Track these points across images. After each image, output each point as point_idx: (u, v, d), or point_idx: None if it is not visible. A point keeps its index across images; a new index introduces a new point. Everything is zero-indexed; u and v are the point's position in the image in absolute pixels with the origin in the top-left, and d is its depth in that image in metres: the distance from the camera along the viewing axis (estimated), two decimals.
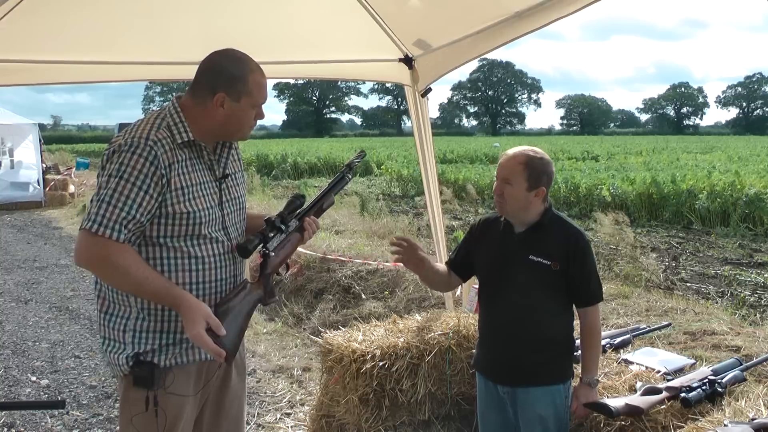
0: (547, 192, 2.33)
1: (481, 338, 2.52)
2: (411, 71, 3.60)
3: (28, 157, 15.52)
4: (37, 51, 2.97)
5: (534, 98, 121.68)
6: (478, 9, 2.80)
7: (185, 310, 1.82)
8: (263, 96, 1.98)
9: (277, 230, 2.07)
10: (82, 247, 1.82)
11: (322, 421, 3.36)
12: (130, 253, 1.83)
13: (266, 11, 3.03)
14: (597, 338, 2.42)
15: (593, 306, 2.37)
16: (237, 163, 2.12)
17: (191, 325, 1.79)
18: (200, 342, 1.79)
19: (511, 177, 2.30)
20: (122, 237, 1.80)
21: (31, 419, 3.97)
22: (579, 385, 2.42)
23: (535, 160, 2.30)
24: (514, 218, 2.38)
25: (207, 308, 1.84)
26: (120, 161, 1.82)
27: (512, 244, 2.37)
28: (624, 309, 4.53)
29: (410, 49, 3.50)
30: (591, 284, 2.35)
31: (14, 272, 8.46)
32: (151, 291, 1.84)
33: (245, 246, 1.98)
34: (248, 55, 1.96)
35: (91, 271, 1.90)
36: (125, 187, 1.80)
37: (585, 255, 2.33)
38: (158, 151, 1.83)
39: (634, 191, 12.82)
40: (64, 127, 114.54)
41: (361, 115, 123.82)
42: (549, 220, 2.36)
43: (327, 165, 26.40)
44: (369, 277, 6.09)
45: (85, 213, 1.85)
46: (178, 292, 1.86)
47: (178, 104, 1.95)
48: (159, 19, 2.96)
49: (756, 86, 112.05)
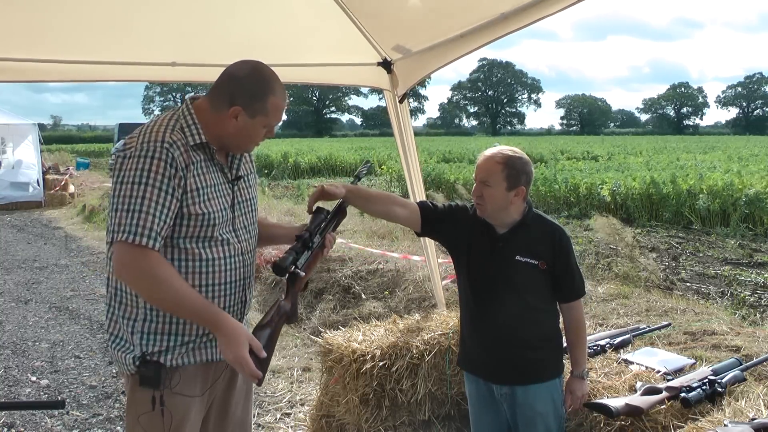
0: (527, 191, 2.31)
1: (471, 338, 2.48)
2: (390, 75, 3.55)
3: (28, 157, 15.53)
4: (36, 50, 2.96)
5: (534, 98, 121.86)
6: (461, 13, 2.76)
7: (226, 330, 1.80)
8: (278, 119, 1.96)
9: (308, 248, 2.08)
10: (125, 261, 1.77)
11: (322, 421, 3.36)
12: (168, 265, 1.82)
13: (245, 14, 3.02)
14: (584, 332, 2.45)
15: (577, 301, 2.39)
16: (249, 165, 2.12)
17: (235, 347, 1.78)
18: (242, 364, 1.78)
19: (489, 178, 2.27)
20: (158, 245, 1.78)
21: (31, 419, 3.97)
22: (571, 379, 2.44)
23: (514, 160, 2.27)
24: (494, 219, 2.35)
25: (247, 330, 1.84)
26: (140, 167, 1.78)
27: (497, 246, 2.34)
28: (624, 309, 4.53)
29: (389, 53, 3.46)
30: (575, 280, 2.36)
31: (14, 272, 8.46)
32: (190, 308, 1.81)
33: (281, 265, 1.99)
34: (276, 74, 1.94)
35: (133, 287, 1.84)
36: (152, 192, 1.77)
37: (569, 252, 2.35)
38: (175, 153, 1.82)
39: (637, 190, 12.81)
40: (64, 127, 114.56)
41: (361, 115, 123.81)
42: (530, 220, 2.35)
43: (327, 165, 26.43)
44: (369, 277, 6.09)
45: (112, 225, 1.78)
46: (217, 310, 1.85)
47: (192, 106, 1.93)
48: (139, 19, 2.95)
49: (756, 86, 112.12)
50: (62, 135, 77.72)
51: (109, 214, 1.83)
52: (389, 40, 3.31)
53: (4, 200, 14.94)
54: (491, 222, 2.36)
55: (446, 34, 2.90)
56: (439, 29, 2.93)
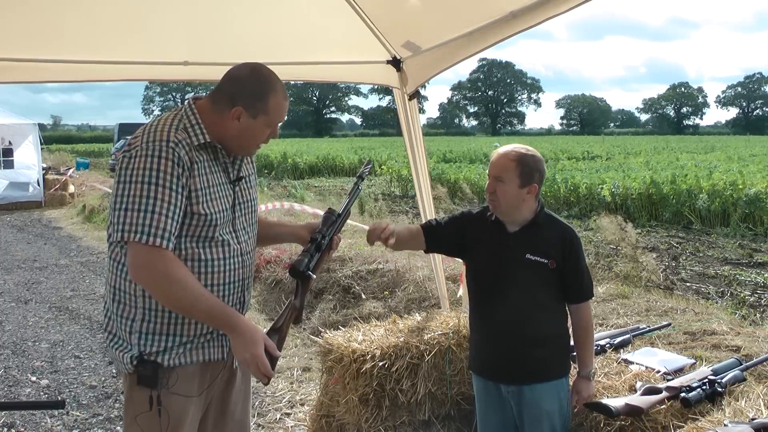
0: (539, 190, 2.34)
1: (479, 339, 2.51)
2: (399, 73, 3.56)
3: (28, 157, 15.53)
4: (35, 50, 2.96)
5: (534, 98, 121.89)
6: (470, 10, 2.77)
7: (243, 330, 1.81)
8: (281, 118, 1.96)
9: (320, 250, 2.09)
10: (142, 262, 1.75)
11: (322, 421, 3.36)
12: (182, 265, 1.81)
13: (255, 13, 3.03)
14: (591, 333, 2.46)
15: (585, 302, 2.41)
16: (250, 166, 2.12)
17: (252, 347, 1.79)
18: (258, 363, 1.80)
19: (503, 174, 2.30)
20: (172, 245, 1.77)
21: (31, 419, 3.97)
22: (578, 380, 2.45)
23: (527, 158, 2.30)
24: (507, 216, 2.37)
25: (262, 330, 1.85)
26: (148, 166, 1.77)
27: (507, 244, 2.36)
28: (624, 309, 4.53)
29: (399, 51, 3.47)
30: (584, 281, 2.38)
31: (14, 272, 8.46)
32: (205, 309, 1.80)
33: (297, 268, 2.01)
34: (275, 74, 1.94)
35: (149, 288, 1.81)
36: (163, 192, 1.76)
37: (579, 253, 2.37)
38: (180, 152, 1.81)
39: (637, 190, 12.82)
40: (64, 127, 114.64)
41: (361, 115, 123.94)
42: (542, 219, 2.37)
43: (327, 165, 26.43)
44: (369, 277, 6.09)
45: (121, 224, 1.75)
46: (231, 310, 1.85)
47: (195, 106, 1.93)
48: (150, 18, 2.96)
49: (756, 86, 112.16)
50: (62, 135, 77.78)
51: (112, 213, 1.81)
52: (399, 38, 3.32)
53: (4, 200, 14.95)
54: (503, 219, 2.38)
55: (455, 32, 2.91)
56: (448, 28, 2.94)
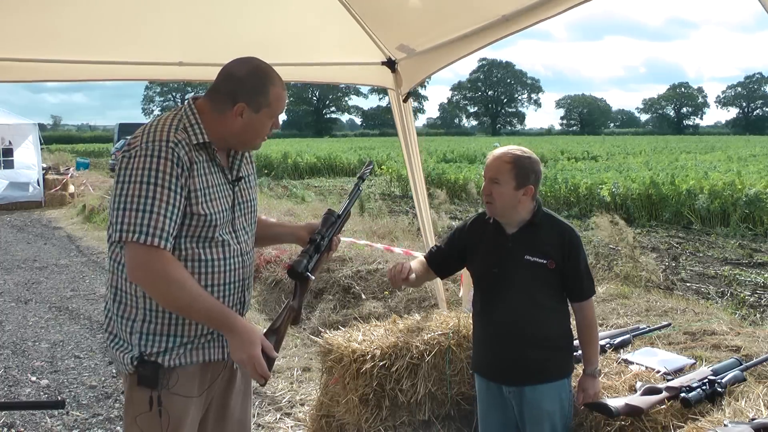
0: (536, 191, 2.34)
1: (481, 340, 2.52)
2: (394, 74, 3.58)
3: (28, 157, 15.53)
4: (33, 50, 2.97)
5: (534, 98, 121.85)
6: (463, 14, 2.80)
7: (240, 330, 1.81)
8: (281, 108, 1.97)
9: (319, 251, 2.10)
10: (139, 262, 1.75)
11: (322, 421, 3.36)
12: (180, 266, 1.81)
13: (250, 14, 3.05)
14: (595, 331, 2.47)
15: (588, 300, 2.41)
16: (249, 166, 2.12)
17: (249, 347, 1.79)
18: (255, 363, 1.80)
19: (498, 176, 2.31)
20: (170, 245, 1.77)
21: (31, 419, 3.97)
22: (583, 377, 2.47)
23: (523, 159, 2.31)
24: (503, 218, 2.38)
25: (260, 331, 1.85)
26: (148, 166, 1.77)
27: (506, 245, 2.37)
28: (624, 309, 4.53)
29: (393, 53, 3.49)
30: (585, 279, 2.39)
31: (14, 272, 8.46)
32: (203, 309, 1.80)
33: (296, 269, 2.01)
34: (271, 66, 1.95)
35: (147, 288, 1.81)
36: (162, 192, 1.76)
37: (579, 251, 2.37)
38: (180, 152, 1.81)
39: (636, 190, 12.82)
40: (64, 127, 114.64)
41: (361, 115, 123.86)
42: (540, 219, 2.37)
43: (327, 165, 26.42)
44: (369, 277, 6.09)
45: (120, 224, 1.75)
46: (229, 311, 1.85)
47: (194, 106, 1.93)
48: (146, 19, 2.96)
49: (756, 86, 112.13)
50: (62, 135, 77.79)
51: (111, 212, 1.81)
52: (393, 40, 3.35)
53: (4, 200, 14.95)
54: (501, 221, 2.39)
55: (449, 34, 2.94)
56: (441, 30, 2.97)
